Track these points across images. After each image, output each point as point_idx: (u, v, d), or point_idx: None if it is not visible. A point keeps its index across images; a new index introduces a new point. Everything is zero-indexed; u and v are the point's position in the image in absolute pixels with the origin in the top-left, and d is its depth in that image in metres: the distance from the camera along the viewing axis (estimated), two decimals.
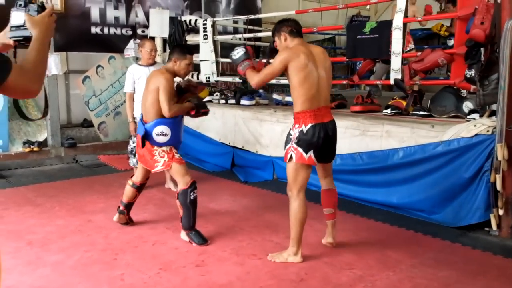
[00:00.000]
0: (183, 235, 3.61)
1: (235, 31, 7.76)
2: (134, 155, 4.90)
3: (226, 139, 6.01)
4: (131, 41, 6.75)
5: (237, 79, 6.35)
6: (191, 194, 3.52)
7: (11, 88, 1.36)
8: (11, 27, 1.61)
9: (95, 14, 6.47)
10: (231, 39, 7.05)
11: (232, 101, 6.08)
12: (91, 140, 6.92)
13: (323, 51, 3.25)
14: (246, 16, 6.62)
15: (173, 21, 6.80)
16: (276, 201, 4.61)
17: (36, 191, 4.97)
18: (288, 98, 5.83)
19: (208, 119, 6.22)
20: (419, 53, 4.72)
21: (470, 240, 3.55)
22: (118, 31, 6.72)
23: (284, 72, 3.11)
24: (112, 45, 6.38)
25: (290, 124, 5.13)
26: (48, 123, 6.32)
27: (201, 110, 3.71)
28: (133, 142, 4.93)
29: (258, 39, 7.56)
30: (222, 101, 6.22)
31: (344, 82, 5.71)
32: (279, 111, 5.40)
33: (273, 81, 6.31)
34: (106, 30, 6.60)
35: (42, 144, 6.27)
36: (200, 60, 6.57)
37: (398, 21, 4.59)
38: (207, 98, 6.46)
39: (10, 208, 4.40)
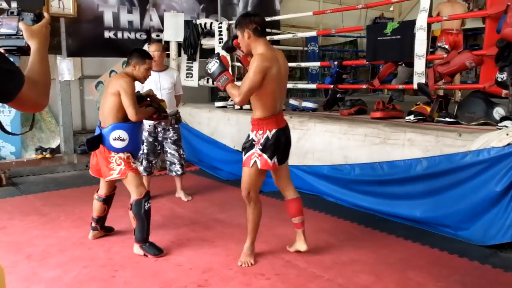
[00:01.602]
0: (136, 248, 3.41)
1: None
2: (141, 163, 4.73)
3: (240, 146, 5.75)
4: (146, 45, 6.58)
5: None
6: (146, 204, 3.35)
7: (22, 101, 1.26)
8: (1, 35, 1.49)
9: (108, 19, 6.34)
10: None
11: (247, 106, 5.84)
12: None
13: (283, 55, 3.14)
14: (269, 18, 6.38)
15: (188, 24, 6.63)
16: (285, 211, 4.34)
17: (44, 200, 4.84)
18: (305, 104, 5.58)
19: (223, 125, 6.02)
20: (444, 55, 4.40)
21: (502, 261, 3.21)
22: (132, 36, 6.58)
23: None
24: (126, 49, 6.12)
25: (306, 131, 4.94)
26: (60, 129, 6.21)
27: (162, 114, 3.67)
28: (140, 150, 4.77)
29: (276, 42, 7.34)
30: (237, 106, 6.00)
31: (364, 86, 5.41)
32: (295, 117, 5.14)
33: (290, 86, 6.08)
34: (119, 35, 6.46)
35: (55, 150, 6.16)
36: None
37: (422, 20, 4.29)
38: (221, 104, 6.25)
39: (16, 218, 4.26)
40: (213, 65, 3.01)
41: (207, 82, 6.73)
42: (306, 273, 3.07)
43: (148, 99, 3.67)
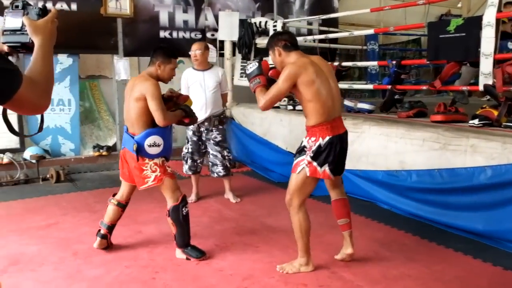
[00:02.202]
0: (178, 253, 3.32)
1: (309, 33, 7.36)
2: (186, 162, 4.72)
3: (293, 148, 5.60)
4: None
5: None
6: (183, 209, 3.23)
7: (20, 102, 1.19)
8: (4, 31, 1.40)
9: (163, 18, 6.41)
10: (305, 41, 6.68)
11: (300, 107, 5.68)
12: None
13: (322, 58, 3.09)
14: (317, 16, 6.20)
15: (243, 23, 6.56)
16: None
17: (98, 197, 4.94)
18: (360, 105, 5.33)
19: (275, 126, 5.90)
20: None
21: None
22: (187, 35, 6.61)
23: (291, 91, 2.90)
24: (181, 49, 6.25)
25: (360, 134, 4.71)
26: (117, 127, 6.35)
27: (194, 117, 3.46)
28: (185, 148, 4.78)
29: (334, 40, 7.12)
30: (290, 107, 5.85)
31: (424, 87, 5.08)
32: (348, 119, 4.91)
33: (346, 86, 5.86)
34: (175, 34, 6.52)
35: (111, 148, 6.31)
36: (270, 65, 6.25)
37: (489, 16, 3.94)
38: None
39: (69, 214, 4.37)
40: (251, 67, 2.99)
41: None
42: (351, 286, 2.88)
43: (174, 98, 3.44)
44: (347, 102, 5.49)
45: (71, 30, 5.79)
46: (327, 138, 2.87)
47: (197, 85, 4.58)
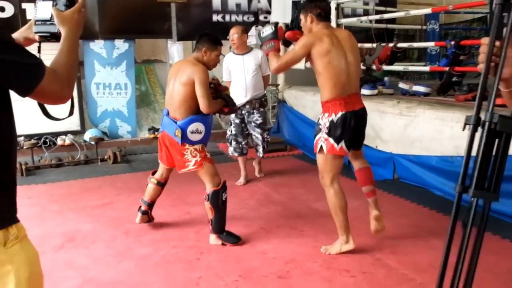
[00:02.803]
0: (213, 239, 3.31)
1: (366, 13, 7.12)
2: (231, 144, 4.80)
3: None
4: (253, 28, 6.58)
5: (361, 66, 5.78)
6: (223, 195, 3.23)
7: (43, 94, 1.23)
8: (36, 20, 1.46)
9: (216, 2, 6.43)
10: (360, 22, 6.48)
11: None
12: (213, 127, 6.94)
13: (349, 34, 3.05)
14: None
15: (296, 5, 6.44)
16: (392, 205, 4.05)
17: None
18: (416, 88, 5.13)
19: None
20: None
21: None
22: (240, 18, 6.61)
23: (308, 60, 2.96)
24: None
25: (414, 118, 4.53)
26: None
27: (233, 107, 3.48)
28: (229, 131, 4.86)
29: (392, 20, 6.85)
30: None
31: None
32: (403, 102, 4.75)
33: (401, 68, 5.64)
34: (227, 18, 6.53)
35: None
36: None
37: None
38: None
39: (122, 194, 4.55)
40: (266, 30, 3.06)
41: None
42: (396, 274, 2.80)
43: (216, 85, 3.45)
44: (401, 85, 5.29)
45: (126, 16, 5.97)
46: (340, 113, 2.87)
47: (238, 69, 4.64)
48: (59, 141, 5.82)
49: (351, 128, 2.91)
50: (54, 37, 1.44)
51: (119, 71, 6.18)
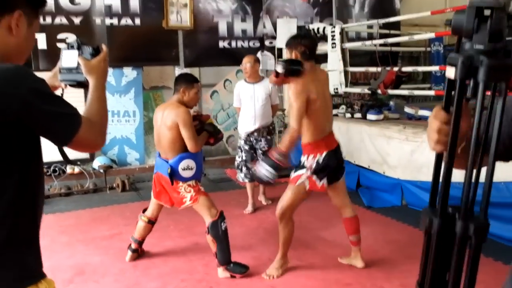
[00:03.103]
0: (221, 272, 3.31)
1: (370, 36, 7.18)
2: (241, 170, 4.81)
3: (351, 157, 5.52)
4: (259, 53, 6.65)
5: (366, 90, 5.81)
6: (222, 224, 3.26)
7: (79, 143, 1.25)
8: (62, 69, 1.50)
9: (222, 28, 6.52)
10: (365, 46, 6.52)
11: (358, 115, 5.56)
12: (221, 153, 7.01)
13: (327, 75, 3.29)
14: (376, 20, 6.04)
15: (301, 30, 6.52)
16: (400, 233, 4.03)
17: None
18: (422, 112, 5.13)
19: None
20: None
21: None
22: (246, 44, 6.69)
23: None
24: (240, 58, 6.30)
25: (421, 143, 4.52)
26: None
27: (218, 135, 3.55)
28: (239, 157, 4.88)
29: (396, 44, 6.89)
30: (348, 115, 5.74)
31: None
32: (409, 127, 4.75)
33: (406, 92, 5.66)
34: (233, 44, 6.61)
35: None
36: (328, 70, 6.18)
37: None
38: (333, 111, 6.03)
39: (131, 224, 4.52)
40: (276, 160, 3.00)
41: None
42: None
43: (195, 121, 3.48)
44: (407, 109, 5.30)
45: (135, 44, 6.06)
46: (324, 153, 3.03)
47: (248, 97, 4.70)
48: (69, 170, 5.87)
49: (333, 166, 3.07)
50: (80, 85, 1.49)
51: (127, 98, 6.25)
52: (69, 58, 1.48)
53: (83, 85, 1.48)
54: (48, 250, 3.89)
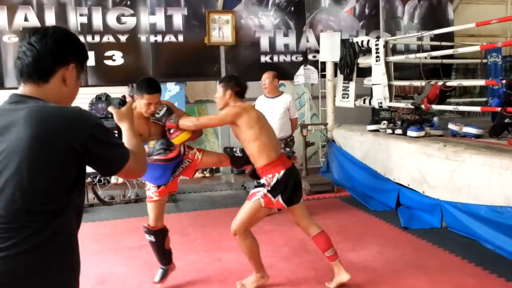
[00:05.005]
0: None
1: (420, 49, 6.88)
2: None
3: (391, 174, 5.29)
4: (301, 68, 6.60)
5: (409, 105, 5.57)
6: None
7: (127, 171, 1.45)
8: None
9: (264, 43, 6.55)
10: (409, 59, 6.26)
11: (399, 131, 5.33)
12: None
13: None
14: (419, 33, 5.79)
15: (345, 43, 6.39)
16: (433, 259, 3.77)
17: (193, 219, 5.17)
18: (466, 129, 4.82)
19: (374, 150, 5.61)
20: None
21: None
22: (288, 58, 6.66)
23: (233, 128, 3.20)
24: (282, 72, 6.30)
25: (461, 163, 4.24)
26: (220, 150, 6.60)
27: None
28: None
29: (449, 56, 6.55)
30: (389, 131, 5.51)
31: None
32: (449, 146, 4.48)
33: (450, 108, 5.36)
34: (275, 58, 6.61)
35: (214, 170, 6.58)
36: (372, 84, 6.01)
37: None
38: (373, 127, 5.83)
39: None
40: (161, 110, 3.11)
41: (364, 102, 6.37)
42: None
43: None
44: (451, 126, 5.00)
45: (178, 60, 6.23)
46: (282, 171, 3.10)
47: (267, 112, 4.73)
48: (113, 180, 6.10)
49: (291, 184, 3.12)
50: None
51: None
52: (98, 108, 1.75)
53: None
54: None
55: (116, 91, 5.37)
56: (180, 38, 6.23)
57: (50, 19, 5.83)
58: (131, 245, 4.36)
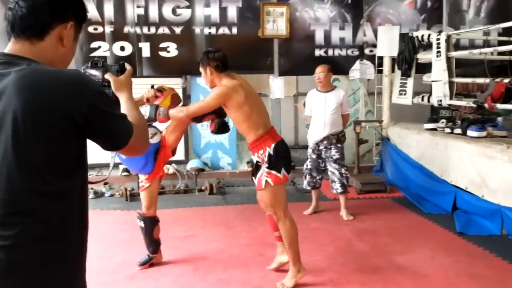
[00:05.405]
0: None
1: (485, 44, 6.45)
2: (305, 177, 4.97)
3: (448, 176, 5.00)
4: (357, 62, 6.39)
5: (471, 104, 5.23)
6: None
7: (131, 146, 1.31)
8: None
9: (319, 37, 6.37)
10: (473, 54, 5.89)
11: (458, 130, 5.02)
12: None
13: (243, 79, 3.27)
14: (486, 27, 5.42)
15: (404, 37, 6.11)
16: (490, 269, 3.52)
17: (239, 212, 5.15)
18: None
19: (431, 150, 5.33)
20: None
21: None
22: (343, 52, 6.45)
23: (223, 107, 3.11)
24: (337, 66, 6.11)
25: None
26: None
27: None
28: (305, 165, 4.99)
29: None
30: (447, 130, 5.21)
31: None
32: None
33: (510, 107, 4.96)
34: (330, 52, 6.42)
35: None
36: (432, 81, 5.70)
37: None
38: (430, 125, 5.53)
39: (207, 227, 4.65)
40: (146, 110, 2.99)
41: (422, 100, 6.07)
42: None
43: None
44: None
45: (231, 52, 6.12)
46: (272, 145, 3.06)
47: (319, 106, 4.82)
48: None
49: (284, 156, 3.11)
50: None
51: None
52: (93, 75, 1.51)
53: None
54: (125, 245, 4.15)
55: (170, 82, 5.42)
56: (234, 30, 6.20)
57: (109, 11, 5.97)
58: (176, 235, 4.40)
